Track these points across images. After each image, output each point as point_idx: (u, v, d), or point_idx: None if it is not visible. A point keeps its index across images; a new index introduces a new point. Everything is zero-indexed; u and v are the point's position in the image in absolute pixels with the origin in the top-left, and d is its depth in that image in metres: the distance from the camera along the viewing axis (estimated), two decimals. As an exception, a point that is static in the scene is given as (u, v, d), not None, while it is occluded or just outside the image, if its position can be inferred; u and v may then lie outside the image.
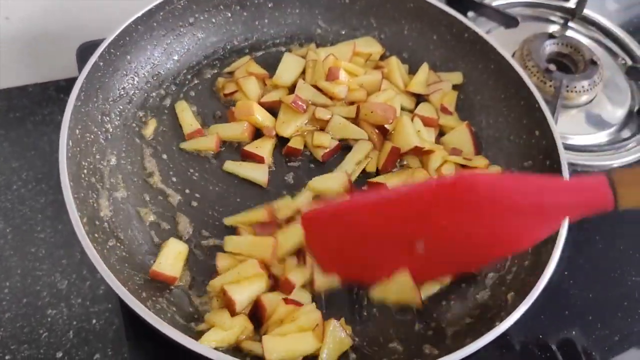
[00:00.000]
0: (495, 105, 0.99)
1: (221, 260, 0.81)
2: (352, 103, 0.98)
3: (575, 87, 1.14)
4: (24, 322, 0.81)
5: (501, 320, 0.70)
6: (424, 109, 1.00)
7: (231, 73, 1.05)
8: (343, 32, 1.11)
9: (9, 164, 0.98)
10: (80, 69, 0.86)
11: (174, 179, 0.91)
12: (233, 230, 0.86)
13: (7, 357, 0.78)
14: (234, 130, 0.95)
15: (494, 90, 1.00)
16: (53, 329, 0.81)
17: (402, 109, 1.00)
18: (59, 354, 0.79)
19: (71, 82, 0.83)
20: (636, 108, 1.19)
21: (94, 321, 0.82)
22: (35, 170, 0.97)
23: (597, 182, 0.68)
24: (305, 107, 0.95)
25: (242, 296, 0.75)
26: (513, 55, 1.21)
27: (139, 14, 0.92)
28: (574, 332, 0.87)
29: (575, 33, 1.32)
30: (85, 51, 0.99)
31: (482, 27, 1.03)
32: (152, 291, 0.76)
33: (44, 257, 0.87)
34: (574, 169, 1.07)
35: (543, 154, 0.89)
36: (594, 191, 0.68)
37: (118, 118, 0.93)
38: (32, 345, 0.79)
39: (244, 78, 1.00)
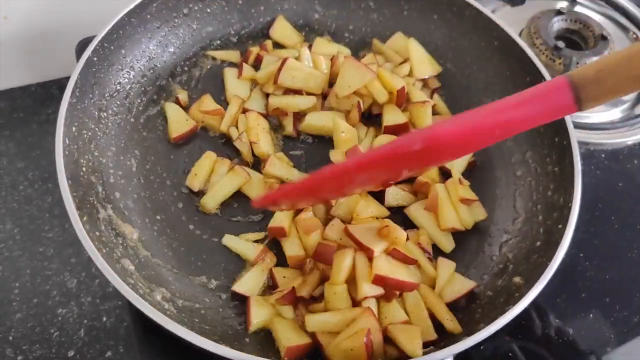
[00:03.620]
0: (501, 82, 0.97)
1: None
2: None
3: (585, 64, 1.10)
4: (35, 322, 0.81)
5: (514, 303, 0.68)
6: None
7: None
8: (341, 16, 1.09)
9: (15, 164, 0.97)
10: (79, 66, 0.85)
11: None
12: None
13: (19, 358, 0.78)
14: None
15: (499, 68, 0.97)
16: (64, 328, 0.81)
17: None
18: (71, 353, 0.79)
19: (73, 80, 0.82)
20: (650, 83, 1.15)
21: (104, 319, 0.82)
22: (41, 170, 0.97)
23: (557, 86, 0.62)
24: None
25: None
26: (520, 34, 1.18)
27: (131, 6, 0.91)
28: (591, 315, 0.86)
29: (584, 9, 1.28)
30: (84, 47, 0.96)
31: (487, 7, 1.00)
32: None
33: (52, 257, 0.87)
34: (587, 147, 1.04)
35: (552, 132, 0.86)
36: (556, 97, 0.62)
37: (116, 114, 0.92)
38: (43, 345, 0.79)
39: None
